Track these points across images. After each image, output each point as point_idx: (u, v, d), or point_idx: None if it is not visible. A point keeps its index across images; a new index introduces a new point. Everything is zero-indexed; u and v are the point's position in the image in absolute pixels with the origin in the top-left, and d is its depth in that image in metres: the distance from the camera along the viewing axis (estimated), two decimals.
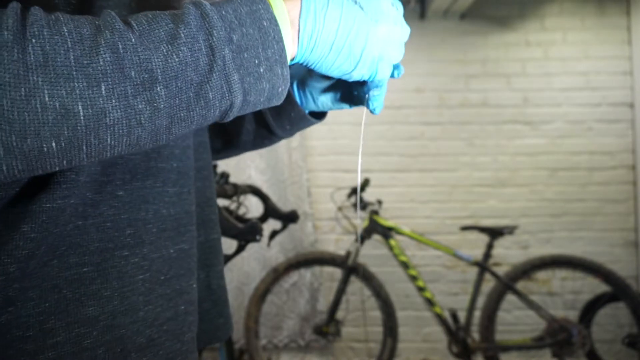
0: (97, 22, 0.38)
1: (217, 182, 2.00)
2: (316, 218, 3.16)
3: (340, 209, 2.99)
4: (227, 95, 0.42)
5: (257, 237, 1.70)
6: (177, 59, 0.39)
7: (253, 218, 1.81)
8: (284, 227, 2.08)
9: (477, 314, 2.81)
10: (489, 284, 2.89)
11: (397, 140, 3.19)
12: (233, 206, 1.94)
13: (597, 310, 2.75)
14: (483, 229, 2.73)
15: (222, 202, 2.00)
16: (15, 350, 0.42)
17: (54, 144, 0.36)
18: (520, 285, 2.81)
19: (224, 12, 0.42)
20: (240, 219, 1.87)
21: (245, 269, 3.06)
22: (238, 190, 1.96)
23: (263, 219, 2.02)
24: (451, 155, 3.19)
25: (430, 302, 2.70)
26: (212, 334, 0.63)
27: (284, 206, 3.02)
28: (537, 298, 2.96)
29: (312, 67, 0.50)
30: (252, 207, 2.73)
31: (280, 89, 0.46)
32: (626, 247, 3.17)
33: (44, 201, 0.42)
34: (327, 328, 2.77)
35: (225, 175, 2.00)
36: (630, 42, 3.17)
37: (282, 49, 0.44)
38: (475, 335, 2.80)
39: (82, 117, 0.36)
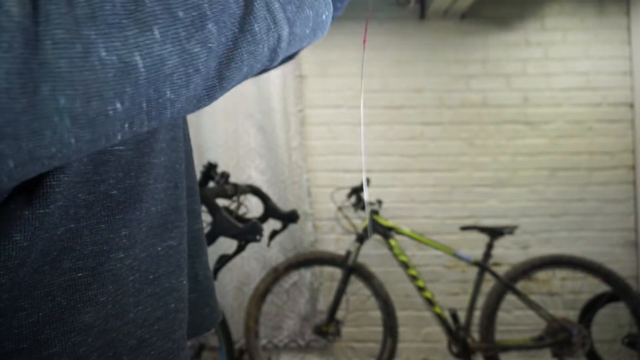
0: None
1: (217, 182, 2.00)
2: (316, 218, 3.16)
3: (340, 209, 2.99)
4: (272, 26, 0.39)
5: (257, 237, 1.70)
6: None
7: (253, 218, 1.81)
8: (284, 227, 2.08)
9: (477, 314, 2.81)
10: (489, 284, 2.89)
11: (397, 140, 3.18)
12: (233, 206, 1.93)
13: (597, 310, 2.75)
14: (483, 229, 2.73)
15: (222, 202, 2.00)
16: None
17: (118, 105, 0.32)
18: (520, 285, 2.81)
19: None
20: (240, 219, 1.87)
21: (245, 269, 3.06)
22: (238, 190, 1.96)
23: (263, 219, 2.02)
24: (451, 155, 3.19)
25: (430, 302, 2.70)
26: (199, 324, 0.62)
27: (284, 206, 3.02)
28: (537, 298, 2.96)
29: None
30: (252, 207, 2.73)
31: (324, 16, 0.43)
32: (626, 247, 3.17)
33: (37, 207, 0.39)
34: (327, 328, 2.77)
35: (225, 175, 2.00)
36: (630, 42, 3.17)
37: None
38: (475, 335, 2.80)
39: (141, 69, 0.33)
